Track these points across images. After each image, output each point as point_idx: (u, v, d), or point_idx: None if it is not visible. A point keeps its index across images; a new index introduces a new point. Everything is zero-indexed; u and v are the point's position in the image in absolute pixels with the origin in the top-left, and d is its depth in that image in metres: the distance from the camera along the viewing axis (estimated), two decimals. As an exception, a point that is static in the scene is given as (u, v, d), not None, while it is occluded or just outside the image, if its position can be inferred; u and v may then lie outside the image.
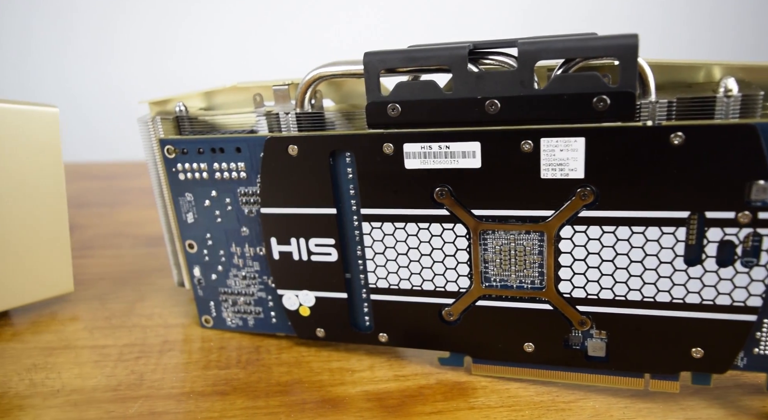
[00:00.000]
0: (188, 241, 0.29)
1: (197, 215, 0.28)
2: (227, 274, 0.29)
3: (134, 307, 0.33)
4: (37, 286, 0.31)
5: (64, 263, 0.32)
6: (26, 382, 0.26)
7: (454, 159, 0.22)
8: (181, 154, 0.27)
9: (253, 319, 0.29)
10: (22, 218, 0.30)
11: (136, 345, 0.29)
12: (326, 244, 0.26)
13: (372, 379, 0.26)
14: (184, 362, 0.27)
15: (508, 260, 0.23)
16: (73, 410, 0.24)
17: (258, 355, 0.28)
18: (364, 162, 0.24)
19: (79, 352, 0.28)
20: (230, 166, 0.26)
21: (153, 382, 0.26)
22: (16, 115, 0.28)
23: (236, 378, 0.26)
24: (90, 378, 0.26)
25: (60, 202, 0.31)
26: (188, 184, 0.27)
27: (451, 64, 0.21)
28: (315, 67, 0.25)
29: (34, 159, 0.29)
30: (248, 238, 0.27)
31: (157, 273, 0.38)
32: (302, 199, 0.25)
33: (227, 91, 0.29)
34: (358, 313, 0.27)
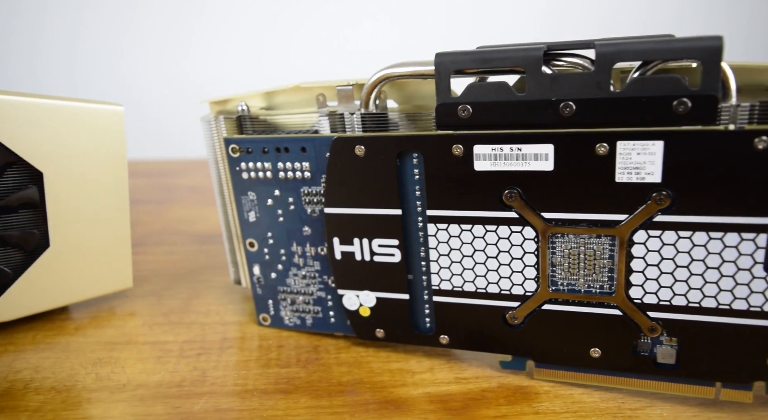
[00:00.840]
0: (249, 239, 0.29)
1: (259, 214, 0.28)
2: (287, 274, 0.29)
3: (190, 304, 0.33)
4: (98, 281, 0.32)
5: (124, 259, 0.32)
6: (92, 376, 0.26)
7: (526, 161, 0.22)
8: (245, 153, 0.27)
9: (312, 319, 0.29)
10: (86, 214, 0.30)
11: (195, 342, 0.29)
12: (390, 245, 0.26)
13: (433, 381, 0.26)
14: (245, 360, 0.28)
15: (577, 264, 0.23)
16: (140, 405, 0.24)
17: (317, 354, 0.28)
18: (432, 163, 0.23)
19: (141, 347, 0.29)
20: (295, 165, 0.26)
21: (215, 379, 0.26)
22: (83, 113, 0.29)
23: (297, 377, 0.26)
24: (154, 373, 0.27)
25: (123, 199, 0.31)
26: (251, 183, 0.27)
27: (526, 66, 0.21)
28: (381, 68, 0.25)
29: (100, 156, 0.30)
30: (310, 237, 0.28)
31: (209, 270, 0.39)
32: (367, 199, 0.25)
33: (289, 91, 0.29)
34: (419, 314, 0.27)
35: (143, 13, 0.79)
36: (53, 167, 0.28)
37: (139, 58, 0.79)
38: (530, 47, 0.21)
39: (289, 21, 0.81)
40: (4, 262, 0.29)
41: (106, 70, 0.79)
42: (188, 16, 0.79)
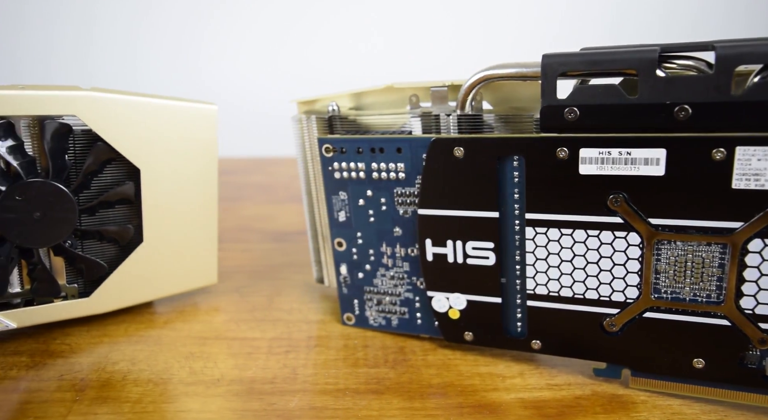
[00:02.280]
0: (337, 239, 0.29)
1: (349, 214, 0.28)
2: (374, 274, 0.29)
3: (273, 302, 0.34)
4: (186, 276, 0.32)
5: (211, 256, 0.33)
6: (187, 370, 0.27)
7: (635, 166, 0.22)
8: (339, 153, 0.27)
9: (397, 320, 0.29)
10: (178, 211, 0.31)
11: (283, 339, 0.30)
12: (484, 248, 0.25)
13: (524, 386, 0.25)
14: (333, 359, 0.28)
15: (683, 272, 0.22)
16: (236, 400, 0.25)
17: (404, 355, 0.28)
18: (535, 166, 0.23)
19: (230, 343, 0.29)
20: (389, 166, 0.26)
21: (307, 377, 0.26)
22: (179, 111, 0.29)
23: (387, 377, 0.26)
24: (246, 369, 0.27)
25: (212, 196, 0.32)
26: (343, 183, 0.28)
27: (639, 68, 0.21)
28: (480, 69, 0.25)
29: (193, 154, 0.30)
30: (400, 238, 0.28)
31: (288, 268, 0.39)
32: (464, 201, 0.25)
33: (380, 92, 0.29)
34: (510, 318, 0.26)
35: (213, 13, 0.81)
36: (150, 164, 0.29)
37: (204, 56, 0.81)
38: (644, 49, 0.21)
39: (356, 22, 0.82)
40: (100, 256, 0.30)
41: (167, 68, 0.80)
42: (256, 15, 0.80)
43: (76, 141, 0.28)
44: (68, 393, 0.25)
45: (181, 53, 0.81)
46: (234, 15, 0.81)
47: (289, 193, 0.60)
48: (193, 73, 0.81)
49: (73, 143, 0.28)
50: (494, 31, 0.83)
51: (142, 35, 0.80)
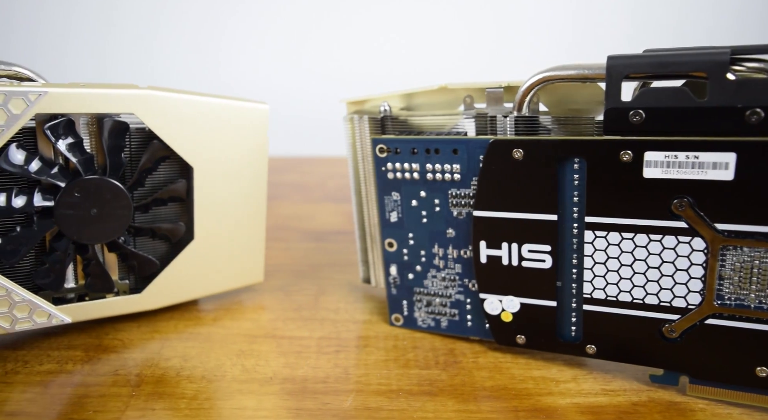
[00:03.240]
0: (388, 239, 0.29)
1: (401, 215, 0.28)
2: (425, 275, 0.29)
3: (319, 301, 0.34)
4: (234, 274, 0.33)
5: (258, 254, 0.33)
6: (239, 368, 0.27)
7: (702, 169, 0.21)
8: (393, 153, 0.27)
9: (447, 321, 0.29)
10: (229, 209, 0.31)
11: (331, 338, 0.30)
12: (541, 251, 0.25)
13: (579, 391, 0.25)
14: (383, 359, 0.28)
15: (749, 278, 0.22)
16: (290, 399, 0.25)
17: (454, 357, 0.28)
18: (596, 169, 0.23)
19: (280, 341, 0.29)
20: (444, 167, 0.26)
21: (359, 377, 0.26)
22: (232, 110, 0.30)
23: (439, 379, 0.26)
24: (297, 368, 0.27)
25: (261, 195, 0.32)
26: (396, 184, 0.28)
27: (709, 71, 0.20)
28: (540, 71, 0.25)
29: (244, 152, 0.31)
30: (453, 239, 0.27)
31: (329, 268, 0.39)
32: (521, 203, 0.25)
33: (433, 93, 0.29)
34: (565, 322, 0.26)
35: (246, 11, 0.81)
36: (202, 162, 0.29)
37: (227, 54, 0.81)
38: (714, 51, 0.20)
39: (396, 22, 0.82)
40: (151, 252, 0.30)
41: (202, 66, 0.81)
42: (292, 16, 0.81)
43: (132, 139, 0.28)
44: (124, 388, 0.25)
45: (210, 52, 0.81)
46: (267, 17, 0.81)
47: (324, 192, 0.60)
48: (222, 72, 0.82)
49: (129, 141, 0.28)
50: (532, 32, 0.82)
51: (182, 34, 0.81)
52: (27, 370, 0.27)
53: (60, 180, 0.26)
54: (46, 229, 0.26)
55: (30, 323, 0.27)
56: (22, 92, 0.24)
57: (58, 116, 0.26)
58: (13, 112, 0.24)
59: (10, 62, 0.25)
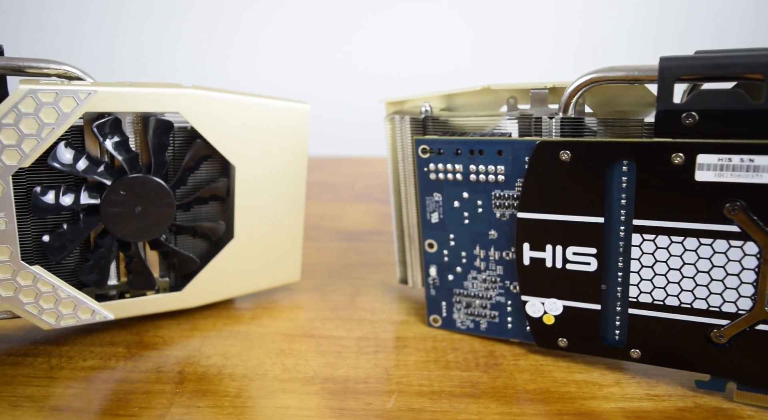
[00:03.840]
0: (429, 240, 0.29)
1: (443, 215, 0.28)
2: (465, 276, 0.29)
3: (355, 301, 0.34)
4: (272, 273, 0.33)
5: (295, 253, 0.33)
6: (279, 367, 0.27)
7: (758, 173, 0.21)
8: (436, 154, 0.27)
9: (487, 323, 0.29)
10: (268, 208, 0.31)
11: (370, 339, 0.30)
12: (586, 253, 0.25)
13: (623, 395, 0.25)
14: (423, 360, 0.28)
15: (802, 284, 0.22)
16: (333, 398, 0.25)
17: (494, 359, 0.28)
18: (646, 171, 0.23)
19: (319, 341, 0.29)
20: (488, 168, 0.26)
21: (400, 378, 0.26)
22: (273, 109, 0.30)
23: (481, 381, 0.26)
24: (337, 368, 0.27)
25: (300, 194, 0.32)
26: (439, 184, 0.27)
27: (765, 72, 0.20)
28: (587, 72, 0.25)
29: (284, 152, 0.31)
30: (495, 241, 0.27)
31: (364, 268, 0.39)
32: (567, 205, 0.25)
33: (475, 93, 0.29)
34: (609, 326, 0.26)
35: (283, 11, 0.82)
36: (244, 161, 0.29)
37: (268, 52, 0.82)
38: (771, 53, 0.20)
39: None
40: (191, 251, 0.30)
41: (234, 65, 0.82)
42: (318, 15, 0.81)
43: (174, 137, 0.29)
44: (168, 385, 0.26)
45: (237, 51, 0.82)
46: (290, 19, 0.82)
47: (353, 192, 0.60)
48: (249, 71, 0.82)
49: (173, 140, 0.28)
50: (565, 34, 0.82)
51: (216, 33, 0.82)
52: (71, 366, 0.27)
53: (106, 178, 0.26)
54: (92, 227, 0.27)
55: (74, 319, 0.27)
56: (72, 91, 0.24)
57: (104, 115, 0.26)
58: (64, 111, 0.24)
59: (60, 61, 0.25)
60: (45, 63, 0.25)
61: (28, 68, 0.25)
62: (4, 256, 0.25)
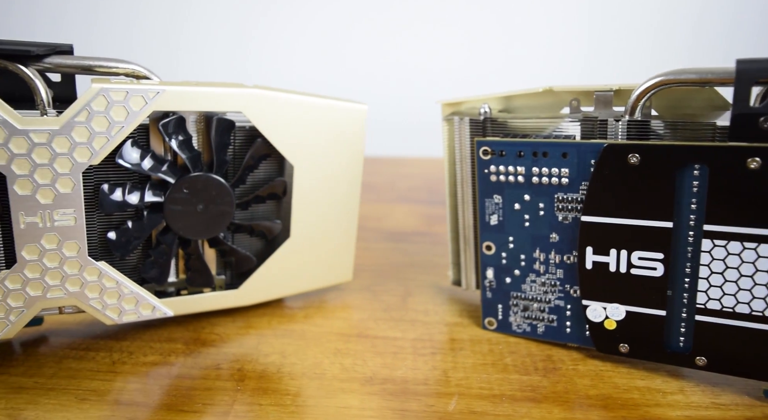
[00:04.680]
0: (487, 242, 0.29)
1: (502, 218, 0.28)
2: (524, 279, 0.28)
3: (407, 302, 0.34)
4: (326, 272, 0.33)
5: (349, 253, 0.33)
6: (338, 366, 0.27)
7: (839, 179, 0.20)
8: (497, 156, 0.27)
9: (544, 327, 0.29)
10: (325, 208, 0.31)
11: (425, 340, 0.30)
12: (652, 258, 0.24)
13: (688, 404, 0.24)
14: (481, 363, 0.27)
15: None
16: (393, 399, 0.25)
17: (553, 363, 0.27)
18: (719, 175, 0.22)
19: (374, 341, 0.29)
20: (552, 171, 0.26)
21: (459, 381, 0.26)
22: (332, 109, 0.30)
23: (541, 385, 0.26)
24: (395, 369, 0.27)
25: (355, 194, 0.32)
26: (499, 186, 0.27)
27: None
28: (657, 74, 0.24)
29: (342, 152, 0.31)
30: (556, 244, 0.27)
31: (412, 269, 0.39)
32: (634, 209, 0.24)
33: (536, 95, 0.28)
34: (673, 332, 0.25)
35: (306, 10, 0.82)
36: (303, 161, 0.30)
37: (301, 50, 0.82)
38: None
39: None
40: (247, 249, 0.31)
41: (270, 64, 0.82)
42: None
43: (236, 136, 0.29)
44: (228, 382, 0.26)
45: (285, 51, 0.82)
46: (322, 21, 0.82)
47: (396, 193, 0.60)
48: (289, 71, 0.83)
49: (234, 139, 0.29)
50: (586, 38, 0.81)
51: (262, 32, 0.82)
52: (133, 361, 0.27)
53: (170, 176, 0.27)
54: (156, 224, 0.27)
55: (136, 315, 0.27)
56: (141, 90, 0.25)
57: (169, 114, 0.26)
58: (133, 109, 0.25)
59: (128, 60, 0.26)
60: (114, 62, 0.25)
61: (97, 67, 0.25)
62: (72, 251, 0.25)
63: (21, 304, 0.25)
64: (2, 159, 0.23)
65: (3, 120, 0.22)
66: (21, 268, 0.24)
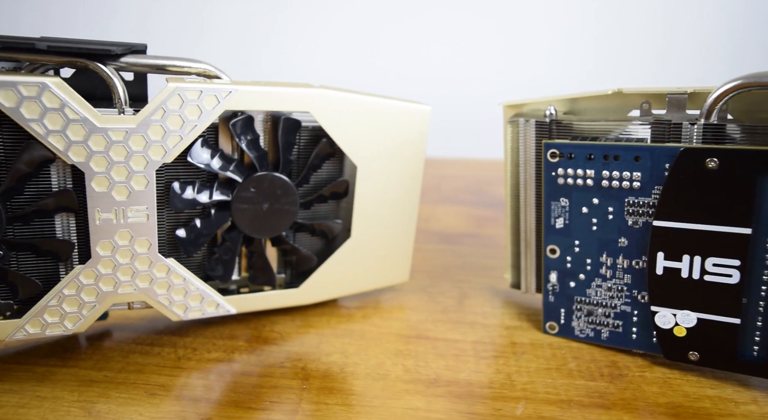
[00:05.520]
0: (551, 245, 0.28)
1: (569, 221, 0.27)
2: (589, 284, 0.28)
3: (463, 304, 0.34)
4: (383, 273, 0.33)
5: (406, 254, 0.33)
6: (400, 368, 0.27)
7: None
8: (566, 158, 0.27)
9: (608, 332, 0.28)
10: (385, 209, 0.31)
11: (486, 343, 0.29)
12: (728, 265, 0.24)
13: (762, 414, 0.24)
14: (545, 368, 0.27)
15: None
16: (459, 402, 0.25)
17: (618, 370, 0.27)
18: (804, 182, 0.22)
19: (435, 343, 0.29)
20: (623, 174, 0.25)
21: (524, 385, 0.26)
22: (396, 110, 0.30)
23: (608, 392, 0.25)
24: (458, 371, 0.27)
25: (415, 195, 0.32)
26: (567, 189, 0.27)
27: None
28: (735, 78, 0.24)
29: (404, 153, 0.31)
30: (625, 249, 0.27)
31: (465, 270, 0.39)
32: (711, 215, 0.24)
33: (605, 98, 0.28)
34: (747, 341, 0.25)
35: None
36: (366, 161, 0.30)
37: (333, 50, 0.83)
38: None
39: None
40: (308, 248, 0.31)
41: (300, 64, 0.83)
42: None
43: (300, 136, 0.29)
44: (293, 381, 0.26)
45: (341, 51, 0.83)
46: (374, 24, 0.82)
47: (441, 194, 0.60)
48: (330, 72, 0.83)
49: (299, 138, 0.29)
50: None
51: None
52: (197, 357, 0.28)
53: (238, 175, 0.27)
54: (223, 222, 0.27)
55: (200, 312, 0.28)
56: (215, 89, 0.25)
57: (237, 113, 0.27)
58: (206, 109, 0.25)
59: (200, 60, 0.26)
60: (186, 61, 0.26)
61: (170, 67, 0.25)
62: (143, 248, 0.26)
63: (93, 298, 0.25)
64: (82, 156, 0.23)
65: (84, 118, 0.23)
66: (95, 263, 0.25)
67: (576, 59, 0.81)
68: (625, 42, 0.81)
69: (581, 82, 0.77)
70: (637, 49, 0.80)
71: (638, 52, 0.80)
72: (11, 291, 0.25)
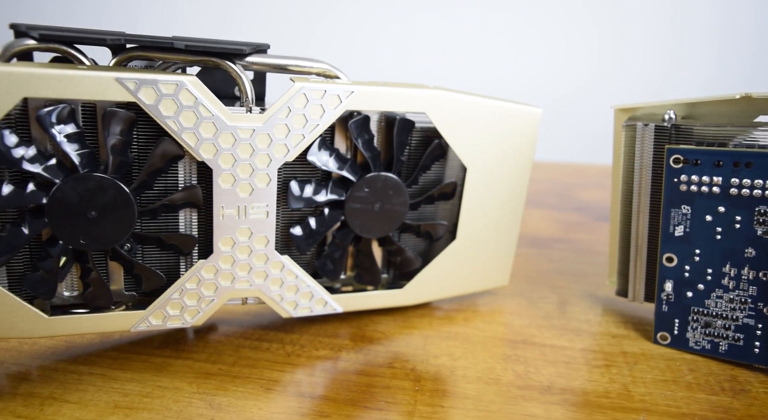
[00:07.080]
0: (668, 253, 0.27)
1: (689, 229, 0.27)
2: (708, 294, 0.27)
3: (565, 311, 0.33)
4: (485, 276, 0.32)
5: (508, 257, 0.33)
6: (511, 373, 0.27)
7: None
8: (691, 165, 0.26)
9: (727, 345, 0.27)
10: (491, 211, 0.31)
11: (595, 352, 0.29)
12: None
13: None
14: (662, 379, 0.26)
15: None
16: (578, 411, 0.24)
17: (740, 385, 0.26)
18: None
19: (542, 349, 0.29)
20: (755, 182, 0.24)
21: (642, 396, 0.25)
22: (506, 112, 0.29)
23: (733, 407, 0.24)
24: (572, 379, 0.26)
25: (521, 198, 0.32)
26: (689, 196, 0.26)
27: None
28: None
29: (513, 155, 0.30)
30: (752, 260, 0.26)
31: (560, 276, 0.38)
32: None
33: (728, 102, 0.27)
34: None
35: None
36: (475, 163, 0.29)
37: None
38: None
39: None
40: (412, 249, 0.31)
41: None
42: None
43: (412, 137, 0.29)
44: (405, 381, 0.26)
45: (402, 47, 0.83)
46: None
47: (526, 197, 0.59)
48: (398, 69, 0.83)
49: (411, 139, 0.29)
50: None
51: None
52: (306, 354, 0.28)
53: (352, 175, 0.27)
54: (336, 221, 0.27)
55: (309, 309, 0.28)
56: (337, 89, 0.25)
57: (354, 113, 0.27)
58: (328, 108, 0.25)
59: (320, 60, 0.26)
60: (307, 61, 0.26)
61: (291, 66, 0.26)
62: (261, 244, 0.26)
63: (212, 293, 0.26)
64: (211, 153, 0.24)
65: (215, 116, 0.23)
66: (216, 258, 0.25)
67: (631, 65, 0.79)
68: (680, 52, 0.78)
69: (634, 89, 0.75)
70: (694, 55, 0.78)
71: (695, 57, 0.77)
72: (136, 282, 0.26)
